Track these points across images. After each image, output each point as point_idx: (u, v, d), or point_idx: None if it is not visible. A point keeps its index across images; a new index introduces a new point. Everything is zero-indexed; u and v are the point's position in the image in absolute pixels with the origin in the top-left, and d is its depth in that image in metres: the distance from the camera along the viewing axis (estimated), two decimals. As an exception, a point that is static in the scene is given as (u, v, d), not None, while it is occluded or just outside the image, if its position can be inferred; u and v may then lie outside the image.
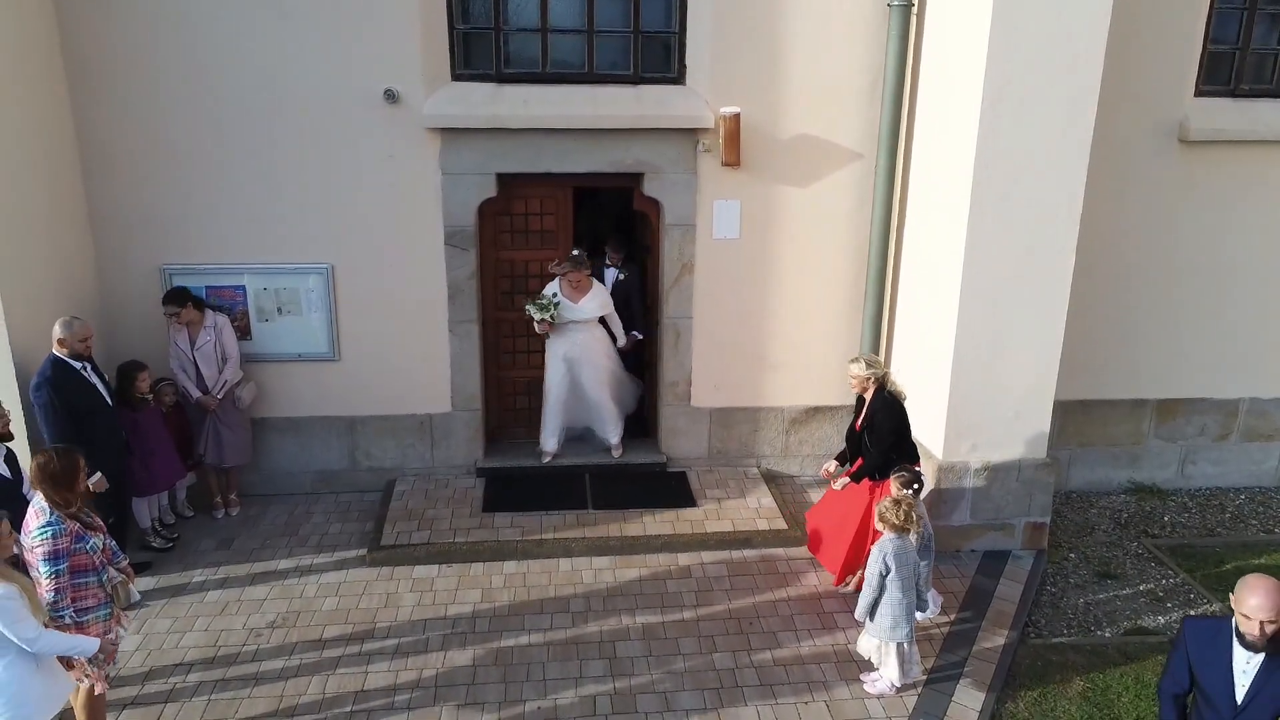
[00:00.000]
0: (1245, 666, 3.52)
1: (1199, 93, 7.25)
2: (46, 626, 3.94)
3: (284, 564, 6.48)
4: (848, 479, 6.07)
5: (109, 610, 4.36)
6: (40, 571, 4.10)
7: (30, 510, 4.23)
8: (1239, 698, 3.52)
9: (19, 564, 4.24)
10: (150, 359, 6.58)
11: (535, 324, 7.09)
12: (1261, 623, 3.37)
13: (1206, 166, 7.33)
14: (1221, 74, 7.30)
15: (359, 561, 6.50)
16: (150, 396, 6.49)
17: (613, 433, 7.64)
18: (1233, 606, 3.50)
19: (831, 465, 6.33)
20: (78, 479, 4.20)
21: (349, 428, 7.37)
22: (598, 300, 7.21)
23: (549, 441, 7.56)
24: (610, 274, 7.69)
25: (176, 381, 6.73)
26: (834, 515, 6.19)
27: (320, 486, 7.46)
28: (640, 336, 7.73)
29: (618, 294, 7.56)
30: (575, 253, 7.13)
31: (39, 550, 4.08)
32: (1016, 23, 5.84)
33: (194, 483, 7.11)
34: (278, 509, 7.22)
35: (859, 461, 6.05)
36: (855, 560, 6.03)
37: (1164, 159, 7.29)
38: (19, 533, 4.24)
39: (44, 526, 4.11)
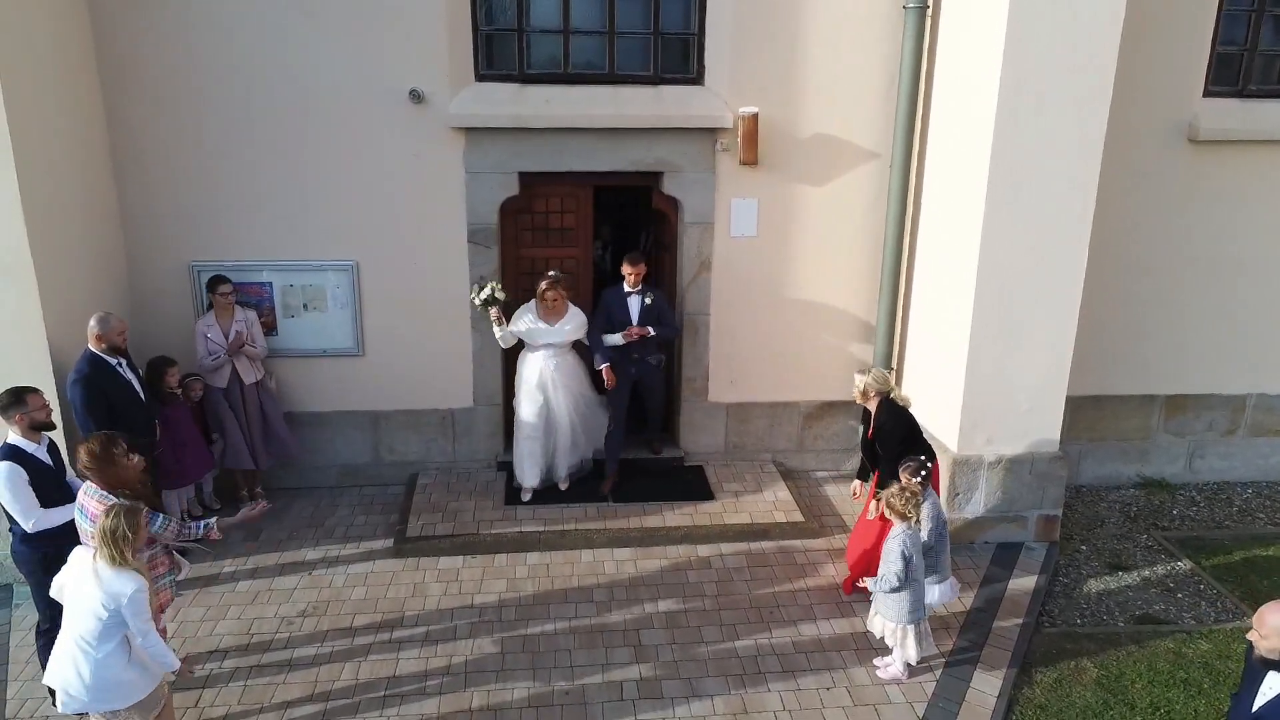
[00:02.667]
0: (1266, 689, 3.48)
1: (1207, 93, 7.36)
2: None
3: (311, 555, 6.62)
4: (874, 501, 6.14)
5: (171, 578, 4.65)
6: (153, 530, 4.39)
7: (93, 502, 4.38)
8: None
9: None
10: (179, 355, 6.72)
11: (484, 312, 6.88)
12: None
13: (1215, 166, 7.45)
14: (1230, 75, 7.41)
15: (385, 552, 6.63)
16: (179, 391, 6.63)
17: (563, 463, 7.23)
18: None
19: (857, 486, 6.42)
20: (115, 455, 4.37)
21: (373, 422, 7.51)
22: (574, 323, 6.97)
23: (530, 477, 7.17)
24: (635, 301, 6.98)
25: (202, 376, 6.86)
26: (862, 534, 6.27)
27: (344, 480, 7.59)
28: (655, 363, 7.18)
29: (646, 321, 6.95)
30: (552, 273, 6.96)
31: None
32: (1031, 23, 5.96)
33: (218, 474, 7.22)
34: (303, 502, 7.35)
35: (875, 477, 6.18)
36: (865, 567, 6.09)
37: (1173, 158, 7.41)
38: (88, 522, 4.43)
39: None
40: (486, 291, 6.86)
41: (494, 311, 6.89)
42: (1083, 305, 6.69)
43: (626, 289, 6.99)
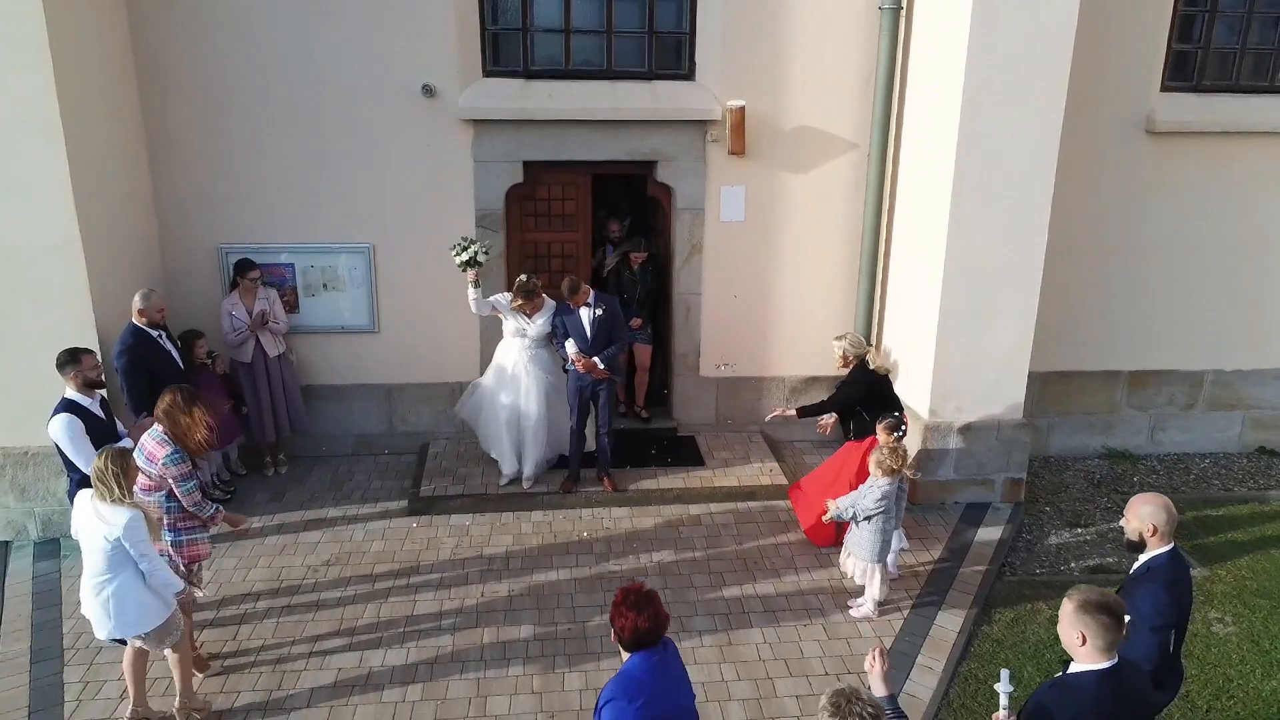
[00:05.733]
0: (1135, 567, 4.08)
1: (1164, 88, 7.91)
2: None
3: (332, 513, 7.17)
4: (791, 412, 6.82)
5: (204, 534, 5.16)
6: (181, 489, 4.85)
7: (151, 442, 4.93)
8: None
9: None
10: (207, 330, 7.26)
11: (464, 272, 6.97)
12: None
13: (1172, 156, 7.99)
14: (1186, 71, 7.97)
15: (401, 511, 7.18)
16: (209, 362, 7.18)
17: (530, 460, 7.36)
18: None
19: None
20: (194, 409, 4.89)
21: (387, 394, 8.06)
22: (546, 316, 7.14)
23: (508, 464, 7.42)
24: (585, 314, 6.97)
25: (219, 351, 7.38)
26: (825, 478, 6.84)
27: (360, 449, 8.14)
28: (602, 365, 7.01)
29: (599, 334, 6.99)
30: (522, 278, 6.99)
31: (173, 473, 4.80)
32: (993, 25, 6.50)
33: (244, 442, 7.75)
34: (322, 469, 7.89)
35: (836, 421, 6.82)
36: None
37: (1133, 149, 7.95)
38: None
39: (174, 453, 4.85)
40: (468, 254, 6.90)
41: (472, 273, 6.97)
42: (1050, 287, 7.23)
43: (569, 305, 6.99)
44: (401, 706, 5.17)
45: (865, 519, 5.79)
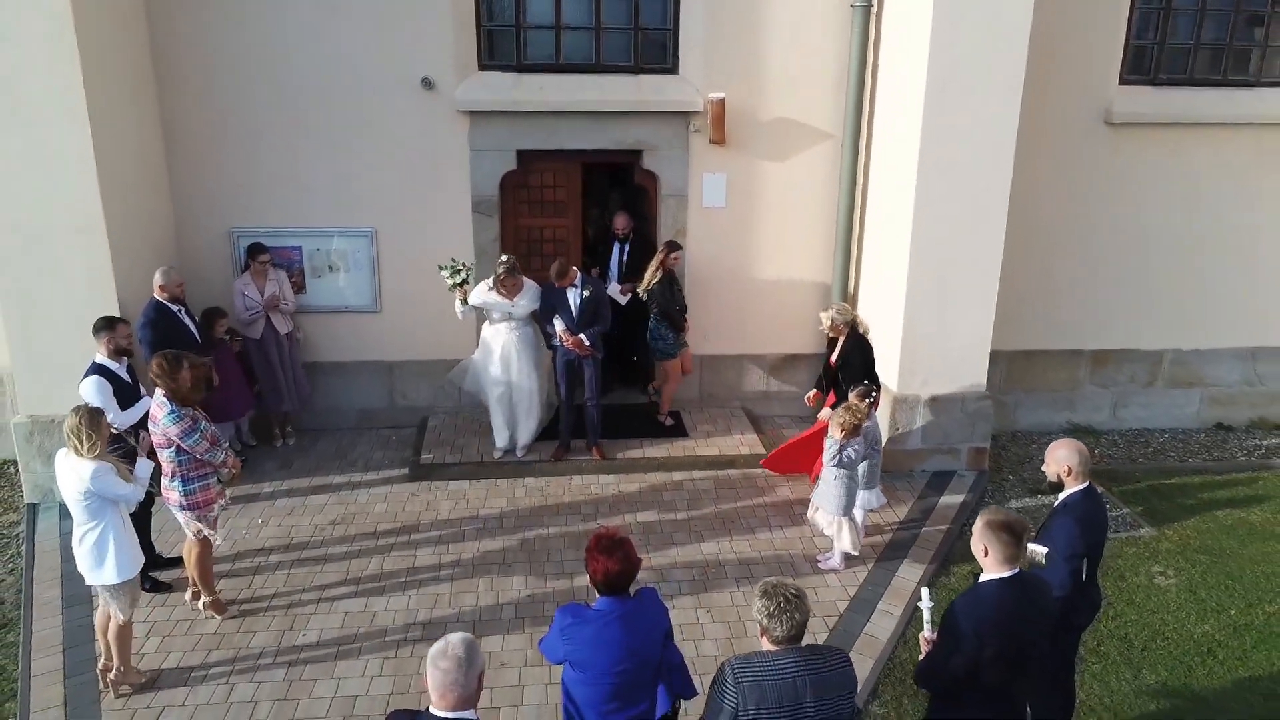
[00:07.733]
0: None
1: (1123, 81, 8.39)
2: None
3: (338, 479, 7.64)
4: (829, 409, 7.18)
5: (216, 479, 5.59)
6: (187, 444, 5.28)
7: (154, 405, 5.38)
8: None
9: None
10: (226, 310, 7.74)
11: (453, 291, 7.44)
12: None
13: (1131, 146, 8.48)
14: (1143, 65, 8.45)
15: (402, 478, 7.66)
16: (227, 338, 7.65)
17: (525, 429, 7.87)
18: None
19: (813, 394, 7.43)
20: (180, 370, 5.24)
21: (388, 371, 8.54)
22: (529, 296, 7.51)
23: (500, 438, 7.90)
24: (573, 295, 7.41)
25: (238, 330, 7.84)
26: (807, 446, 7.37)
27: (363, 422, 8.61)
28: (588, 342, 7.47)
29: (585, 313, 7.42)
30: (504, 258, 7.41)
31: (174, 431, 5.24)
32: (953, 22, 6.96)
33: (254, 415, 8.21)
34: (327, 440, 8.37)
35: (831, 395, 7.21)
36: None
37: (1093, 140, 8.44)
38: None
39: (170, 413, 5.26)
40: (460, 276, 7.44)
41: (461, 292, 7.50)
42: (1016, 270, 7.68)
43: (555, 284, 7.38)
44: (403, 646, 5.64)
45: (836, 465, 6.21)
